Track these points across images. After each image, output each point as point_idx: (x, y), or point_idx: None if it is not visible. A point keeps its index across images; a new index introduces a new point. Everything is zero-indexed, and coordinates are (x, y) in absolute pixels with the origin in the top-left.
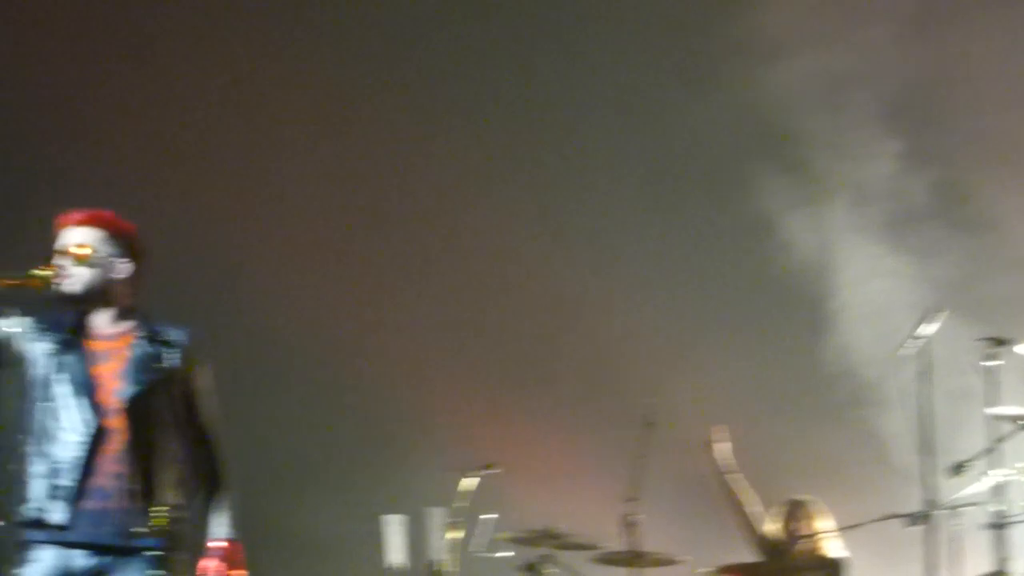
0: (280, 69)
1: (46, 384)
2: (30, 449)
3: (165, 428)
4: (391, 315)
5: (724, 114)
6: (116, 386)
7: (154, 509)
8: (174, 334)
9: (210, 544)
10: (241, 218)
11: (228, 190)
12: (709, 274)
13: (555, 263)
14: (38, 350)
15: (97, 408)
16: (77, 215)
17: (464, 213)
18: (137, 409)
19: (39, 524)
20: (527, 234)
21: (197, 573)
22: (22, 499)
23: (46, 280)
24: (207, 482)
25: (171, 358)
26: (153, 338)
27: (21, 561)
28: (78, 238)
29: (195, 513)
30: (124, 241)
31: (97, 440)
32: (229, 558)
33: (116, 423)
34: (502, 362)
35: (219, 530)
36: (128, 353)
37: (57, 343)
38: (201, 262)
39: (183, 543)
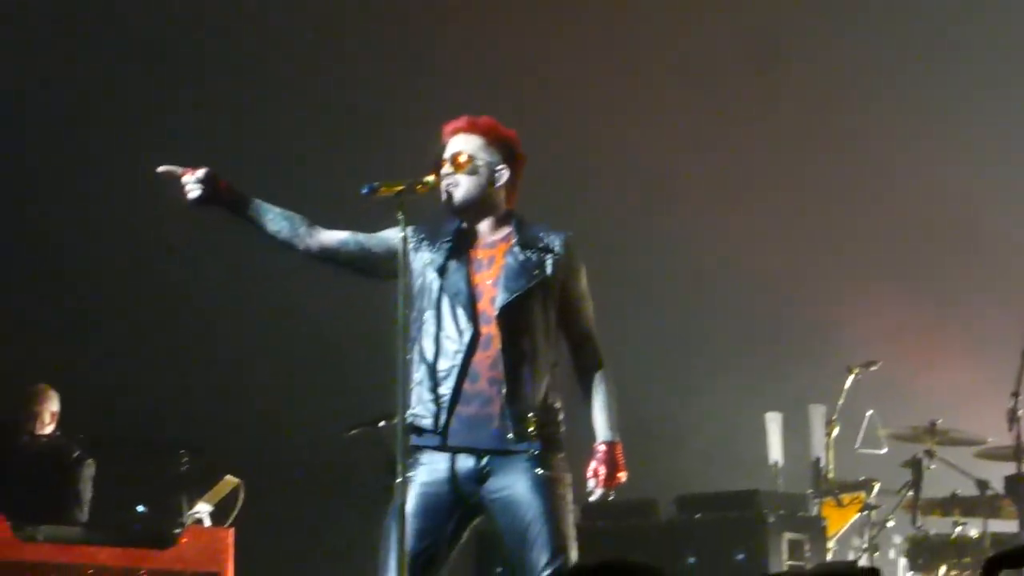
0: None
1: (428, 292)
2: (412, 356)
3: (542, 333)
4: (772, 212)
5: None
6: (495, 293)
7: (532, 412)
8: (552, 239)
9: (596, 446)
10: (617, 122)
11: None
12: None
13: (940, 158)
14: (421, 259)
15: (476, 315)
16: (458, 123)
17: (852, 112)
18: (515, 315)
19: (421, 429)
20: (916, 131)
21: (586, 476)
22: (406, 405)
23: (430, 187)
24: (589, 385)
25: (549, 263)
26: (531, 244)
27: (407, 465)
28: (459, 146)
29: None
30: (504, 147)
31: (476, 346)
32: (613, 460)
33: (494, 329)
34: (885, 258)
35: (603, 432)
36: (506, 260)
37: (439, 252)
38: (576, 166)
39: (559, 444)
